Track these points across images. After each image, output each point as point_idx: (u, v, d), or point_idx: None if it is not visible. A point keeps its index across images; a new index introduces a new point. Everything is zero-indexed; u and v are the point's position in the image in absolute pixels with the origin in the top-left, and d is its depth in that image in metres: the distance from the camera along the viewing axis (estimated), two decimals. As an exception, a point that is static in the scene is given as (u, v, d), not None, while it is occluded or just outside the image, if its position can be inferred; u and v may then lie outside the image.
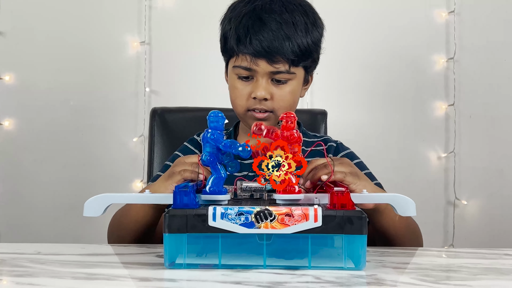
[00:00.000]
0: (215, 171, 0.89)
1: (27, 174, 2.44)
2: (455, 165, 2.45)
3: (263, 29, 1.21)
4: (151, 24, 2.45)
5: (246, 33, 1.22)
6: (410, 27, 2.46)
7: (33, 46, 2.44)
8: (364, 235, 0.80)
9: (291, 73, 1.24)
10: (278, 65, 1.22)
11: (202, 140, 0.91)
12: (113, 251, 0.99)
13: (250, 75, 1.24)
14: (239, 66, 1.24)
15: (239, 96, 1.26)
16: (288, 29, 1.21)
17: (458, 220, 2.46)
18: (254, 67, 1.22)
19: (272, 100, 1.24)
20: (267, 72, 1.22)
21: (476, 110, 2.47)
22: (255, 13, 1.23)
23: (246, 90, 1.25)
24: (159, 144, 1.63)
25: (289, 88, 1.25)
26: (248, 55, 1.22)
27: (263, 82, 1.23)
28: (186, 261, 0.82)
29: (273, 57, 1.21)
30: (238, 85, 1.26)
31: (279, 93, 1.24)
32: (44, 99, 2.44)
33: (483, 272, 0.84)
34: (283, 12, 1.23)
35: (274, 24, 1.21)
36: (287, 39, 1.21)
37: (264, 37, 1.20)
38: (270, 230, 0.80)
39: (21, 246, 1.04)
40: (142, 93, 2.43)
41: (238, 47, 1.23)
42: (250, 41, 1.21)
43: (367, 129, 2.46)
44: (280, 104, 1.25)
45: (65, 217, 2.40)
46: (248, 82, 1.25)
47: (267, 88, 1.23)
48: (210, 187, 0.88)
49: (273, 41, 1.20)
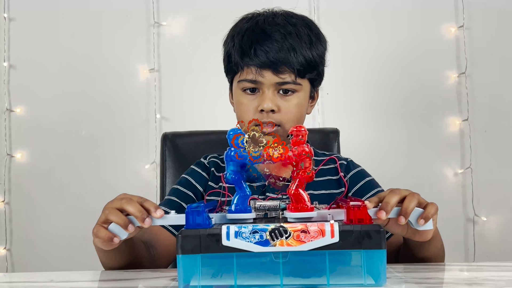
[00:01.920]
0: (240, 189, 0.87)
1: (40, 205, 2.43)
2: (472, 181, 2.41)
3: (267, 41, 1.20)
4: (160, 51, 2.46)
5: (250, 45, 1.21)
6: (420, 43, 2.45)
7: (43, 77, 2.46)
8: (383, 249, 0.78)
9: (297, 84, 1.23)
10: (284, 76, 1.21)
11: (225, 159, 0.87)
12: (127, 277, 0.97)
13: (256, 88, 1.23)
14: (244, 79, 1.23)
15: (246, 110, 1.24)
16: (292, 40, 1.21)
17: (479, 237, 2.41)
18: (260, 78, 1.21)
19: (279, 112, 1.22)
20: (273, 83, 1.21)
21: (491, 124, 2.43)
22: (258, 26, 1.24)
23: (252, 105, 1.23)
24: (171, 169, 1.62)
25: (295, 100, 1.24)
26: (254, 67, 1.21)
27: (269, 93, 1.21)
28: (201, 282, 0.79)
29: (279, 67, 1.20)
30: (244, 100, 1.25)
31: (286, 105, 1.23)
32: (56, 130, 2.44)
33: (509, 284, 0.81)
34: (286, 25, 1.23)
35: (278, 35, 1.21)
36: (292, 50, 1.20)
37: (269, 48, 1.20)
38: (286, 247, 0.77)
39: (34, 275, 1.02)
40: (153, 120, 2.43)
41: (243, 60, 1.22)
42: (255, 53, 1.20)
43: (380, 147, 2.43)
44: (288, 116, 1.23)
45: (79, 247, 2.37)
46: (254, 96, 1.24)
47: (274, 100, 1.21)
48: (236, 205, 0.86)
49: (278, 51, 1.19)
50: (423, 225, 0.89)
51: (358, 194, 1.28)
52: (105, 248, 0.94)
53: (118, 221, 0.88)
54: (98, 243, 0.93)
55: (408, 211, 0.88)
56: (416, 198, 0.90)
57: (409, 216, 0.88)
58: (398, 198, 0.89)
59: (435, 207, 0.91)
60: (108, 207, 0.90)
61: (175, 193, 1.31)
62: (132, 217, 0.89)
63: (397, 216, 0.89)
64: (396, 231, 0.96)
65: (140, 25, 2.47)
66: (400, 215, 0.88)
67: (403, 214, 0.88)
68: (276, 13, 1.28)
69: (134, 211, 0.87)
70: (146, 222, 0.87)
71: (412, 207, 0.88)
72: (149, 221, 0.87)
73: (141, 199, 0.90)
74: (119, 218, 0.88)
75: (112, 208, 0.90)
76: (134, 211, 0.87)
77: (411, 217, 0.89)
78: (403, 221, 0.88)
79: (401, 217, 0.88)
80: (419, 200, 0.90)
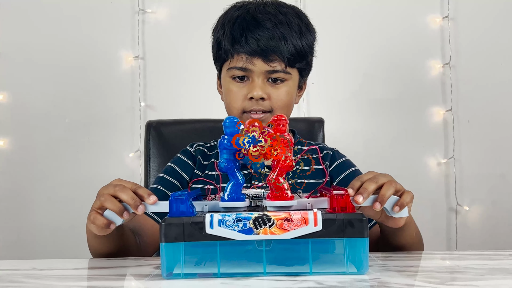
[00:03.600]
0: (233, 177, 0.87)
1: (23, 193, 2.41)
2: (455, 170, 2.43)
3: (258, 28, 1.21)
4: (144, 38, 2.44)
5: (242, 33, 1.21)
6: (405, 33, 2.45)
7: (27, 64, 2.43)
8: (365, 238, 0.78)
9: (287, 73, 1.23)
10: (274, 64, 1.21)
11: (219, 147, 0.87)
12: (110, 265, 0.97)
13: (246, 76, 1.23)
14: (234, 67, 1.23)
15: (235, 98, 1.24)
16: (283, 29, 1.21)
17: (461, 226, 2.43)
18: (250, 66, 1.21)
19: (269, 100, 1.22)
20: (263, 71, 1.21)
21: (474, 114, 2.45)
22: (250, 14, 1.24)
23: (241, 92, 1.23)
24: (155, 157, 1.61)
25: (285, 88, 1.24)
26: (244, 55, 1.21)
27: (259, 81, 1.22)
28: (184, 270, 0.79)
29: (269, 56, 1.20)
30: (233, 87, 1.25)
31: (276, 93, 1.23)
32: (40, 117, 2.42)
33: (490, 272, 0.82)
34: (277, 13, 1.23)
35: (270, 24, 1.21)
36: (283, 39, 1.20)
37: (260, 36, 1.20)
38: (269, 236, 0.77)
39: (16, 262, 1.02)
40: (138, 108, 2.42)
41: (234, 47, 1.22)
42: (246, 40, 1.20)
43: (365, 136, 2.44)
44: (278, 104, 1.23)
45: (63, 235, 2.36)
46: (244, 83, 1.24)
47: (263, 88, 1.22)
48: (229, 194, 0.86)
49: (269, 40, 1.20)
50: (398, 212, 0.90)
51: (342, 183, 1.29)
52: (99, 234, 0.95)
53: (113, 209, 0.89)
54: (93, 228, 0.94)
55: (385, 199, 0.89)
56: (394, 186, 0.91)
57: (385, 203, 0.89)
58: (376, 186, 0.90)
59: (410, 195, 0.92)
60: (103, 193, 0.91)
61: (161, 181, 1.31)
62: (126, 204, 0.89)
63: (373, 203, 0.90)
64: (369, 214, 0.97)
65: (124, 12, 2.44)
66: (377, 201, 0.89)
67: (379, 201, 0.89)
68: (267, 1, 1.28)
69: (128, 199, 0.88)
70: (139, 209, 0.87)
71: (388, 195, 0.89)
72: (142, 208, 0.87)
73: (135, 185, 0.91)
74: (115, 205, 0.89)
75: (108, 195, 0.90)
76: (127, 199, 0.88)
77: (387, 204, 0.89)
78: (378, 207, 0.89)
79: (376, 203, 0.89)
80: (396, 188, 0.91)
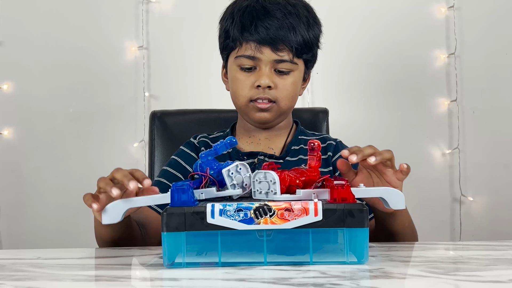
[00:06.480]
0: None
1: (27, 182, 2.43)
2: (459, 161, 2.43)
3: (268, 17, 1.22)
4: (148, 28, 2.44)
5: (251, 21, 1.23)
6: (410, 23, 2.44)
7: (31, 54, 2.43)
8: (366, 228, 0.79)
9: (294, 63, 1.25)
10: (282, 53, 1.23)
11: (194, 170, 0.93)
12: (114, 254, 0.98)
13: (253, 65, 1.24)
14: (242, 55, 1.24)
15: (242, 86, 1.26)
16: (292, 20, 1.23)
17: (465, 217, 2.43)
18: (259, 55, 1.22)
19: (275, 89, 1.24)
20: (271, 60, 1.23)
21: (479, 105, 2.44)
22: (259, 3, 1.25)
23: (249, 81, 1.25)
24: (159, 147, 1.62)
25: (291, 79, 1.26)
26: (253, 43, 1.22)
27: (266, 70, 1.23)
28: (185, 260, 0.80)
29: (278, 45, 1.22)
30: (240, 76, 1.26)
31: (283, 83, 1.25)
32: (43, 107, 2.43)
33: (494, 262, 0.82)
34: (286, 4, 1.25)
35: (279, 13, 1.23)
36: (292, 29, 1.22)
37: (269, 25, 1.21)
38: (270, 225, 0.78)
39: (21, 252, 1.03)
40: (142, 98, 2.42)
41: (243, 35, 1.23)
42: (256, 28, 1.22)
43: (369, 127, 2.44)
44: (284, 94, 1.25)
45: (67, 224, 2.38)
46: (251, 73, 1.25)
47: (271, 76, 1.23)
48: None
49: (279, 29, 1.21)
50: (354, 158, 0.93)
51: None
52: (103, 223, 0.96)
53: (103, 186, 0.90)
54: (97, 216, 0.96)
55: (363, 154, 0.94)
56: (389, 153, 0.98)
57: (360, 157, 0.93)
58: (373, 151, 0.95)
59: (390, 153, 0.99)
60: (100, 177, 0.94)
61: (165, 174, 1.33)
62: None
63: None
64: None
65: (128, 1, 2.44)
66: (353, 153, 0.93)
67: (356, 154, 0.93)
68: None
69: (120, 176, 0.90)
70: (130, 184, 0.87)
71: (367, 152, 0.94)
72: (134, 184, 0.88)
73: (132, 170, 0.93)
74: (106, 183, 0.91)
75: (102, 177, 0.93)
76: (120, 176, 0.90)
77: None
78: (354, 159, 0.92)
79: (352, 155, 0.93)
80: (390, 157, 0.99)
